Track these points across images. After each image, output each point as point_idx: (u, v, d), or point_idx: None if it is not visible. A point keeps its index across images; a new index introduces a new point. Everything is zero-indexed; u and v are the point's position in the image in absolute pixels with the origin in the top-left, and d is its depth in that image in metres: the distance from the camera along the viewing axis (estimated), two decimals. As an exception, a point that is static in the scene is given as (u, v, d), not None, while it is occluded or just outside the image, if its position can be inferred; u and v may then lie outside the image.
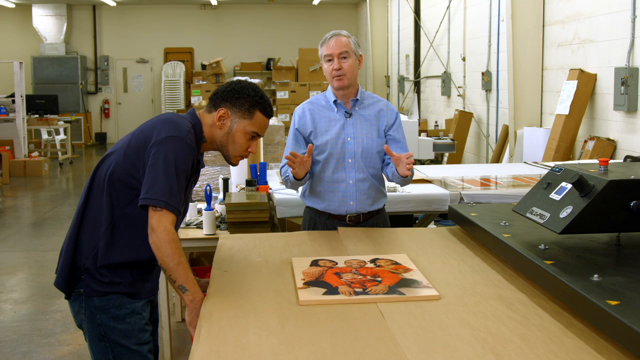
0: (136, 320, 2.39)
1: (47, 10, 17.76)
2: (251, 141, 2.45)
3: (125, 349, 2.36)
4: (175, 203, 2.23)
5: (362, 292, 2.16)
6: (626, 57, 5.67)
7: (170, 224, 2.21)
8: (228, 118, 2.41)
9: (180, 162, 2.25)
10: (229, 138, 2.42)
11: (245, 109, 2.40)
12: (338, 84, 3.07)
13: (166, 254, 2.19)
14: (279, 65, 14.97)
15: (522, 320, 1.90)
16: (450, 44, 10.94)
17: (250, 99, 2.40)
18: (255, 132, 2.43)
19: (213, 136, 2.43)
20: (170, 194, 2.22)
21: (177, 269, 2.19)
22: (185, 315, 2.24)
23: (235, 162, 2.50)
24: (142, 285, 2.42)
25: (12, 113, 13.07)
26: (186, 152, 2.28)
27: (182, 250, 2.24)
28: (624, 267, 2.03)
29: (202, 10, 18.71)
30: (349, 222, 3.14)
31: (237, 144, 2.43)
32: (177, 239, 2.22)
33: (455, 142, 8.59)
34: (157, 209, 2.22)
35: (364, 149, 3.11)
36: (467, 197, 3.79)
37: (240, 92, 2.41)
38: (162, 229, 2.20)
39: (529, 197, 2.44)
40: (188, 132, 2.31)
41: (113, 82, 18.91)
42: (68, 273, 2.37)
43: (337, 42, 3.05)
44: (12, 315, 5.15)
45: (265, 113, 2.44)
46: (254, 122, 2.42)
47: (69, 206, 9.70)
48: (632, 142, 5.76)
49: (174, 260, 2.19)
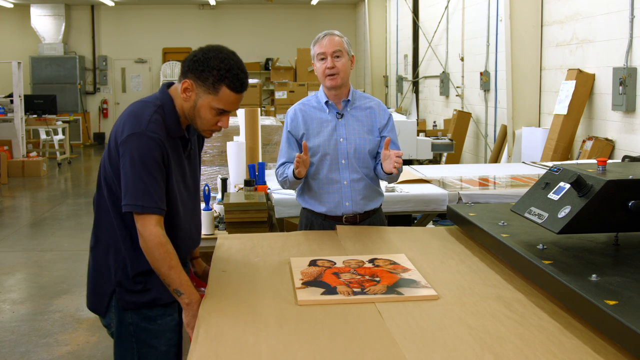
0: (167, 322, 2.35)
1: (45, 10, 17.75)
2: (219, 116, 2.25)
3: (153, 349, 2.33)
4: (152, 203, 2.15)
5: (360, 292, 2.16)
6: (624, 57, 5.68)
7: (154, 226, 2.16)
8: (193, 91, 2.22)
9: (145, 159, 2.15)
10: (194, 112, 2.25)
11: (209, 84, 2.20)
12: (331, 83, 3.06)
13: (156, 259, 2.16)
14: (278, 65, 14.98)
15: (521, 320, 1.90)
16: (449, 44, 10.95)
17: (216, 73, 2.18)
18: (221, 108, 2.23)
19: (182, 108, 2.27)
20: (144, 195, 2.14)
21: (169, 274, 2.16)
22: (183, 317, 2.23)
23: (206, 135, 2.35)
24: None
25: (11, 113, 13.05)
26: (149, 146, 2.16)
27: (173, 252, 2.19)
28: (622, 267, 2.04)
29: (201, 11, 18.71)
30: (345, 223, 3.14)
31: (203, 119, 2.25)
32: (164, 241, 2.16)
33: (454, 142, 8.59)
34: (138, 214, 2.17)
35: (357, 149, 3.10)
36: (466, 197, 3.79)
37: (205, 63, 2.19)
38: (147, 233, 2.16)
39: (528, 197, 2.44)
40: (148, 122, 2.18)
41: (111, 82, 18.91)
42: (99, 291, 2.35)
43: (330, 41, 3.04)
44: (10, 315, 5.15)
45: (233, 88, 2.21)
46: (219, 98, 2.21)
47: (67, 206, 9.70)
48: (630, 142, 5.76)
49: (165, 265, 2.16)
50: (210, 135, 2.34)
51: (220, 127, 2.29)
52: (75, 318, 5.04)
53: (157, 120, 2.21)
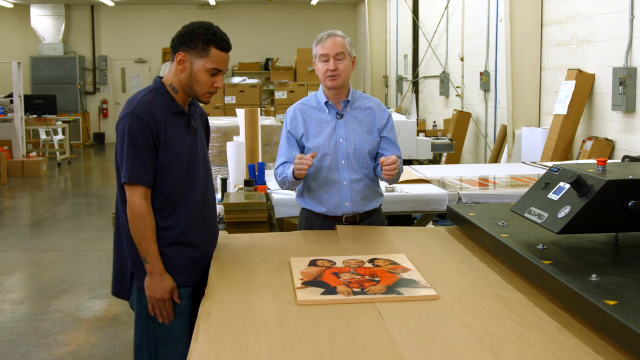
0: (181, 305, 2.50)
1: (45, 10, 17.74)
2: (214, 77, 2.50)
3: (168, 330, 2.49)
4: (138, 174, 2.40)
5: (360, 292, 2.16)
6: (624, 57, 5.68)
7: (139, 197, 2.41)
8: (187, 60, 2.48)
9: (134, 133, 2.40)
10: (192, 79, 2.49)
11: (200, 48, 2.46)
12: (332, 84, 3.06)
13: (134, 228, 2.42)
14: (278, 65, 14.98)
15: (520, 320, 1.90)
16: (449, 44, 10.95)
17: (203, 38, 2.46)
18: (215, 67, 2.48)
19: (180, 82, 2.51)
20: (132, 167, 2.40)
21: (141, 242, 2.42)
22: (145, 282, 2.46)
23: (206, 100, 2.56)
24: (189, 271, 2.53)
25: (11, 113, 13.05)
26: (136, 122, 2.41)
27: (151, 224, 2.42)
28: (622, 267, 2.04)
29: (201, 10, 18.71)
30: (345, 223, 3.14)
31: (201, 83, 2.49)
32: (144, 213, 2.41)
33: (454, 142, 8.59)
34: (127, 185, 2.42)
35: (357, 149, 3.10)
36: (466, 197, 3.79)
37: (193, 33, 2.47)
38: (132, 203, 2.41)
39: (527, 197, 2.44)
40: (138, 102, 2.45)
41: (111, 82, 18.90)
42: (122, 276, 2.58)
43: (333, 42, 3.04)
44: (10, 315, 5.15)
45: (220, 47, 2.48)
46: (211, 58, 2.47)
47: (67, 206, 9.70)
48: (630, 142, 5.76)
49: (139, 235, 2.41)
50: (208, 99, 2.55)
51: (216, 88, 2.53)
52: (75, 318, 5.04)
53: (147, 100, 2.47)
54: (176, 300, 2.49)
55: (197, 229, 2.57)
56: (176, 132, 2.50)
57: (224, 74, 2.55)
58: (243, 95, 13.04)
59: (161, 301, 2.45)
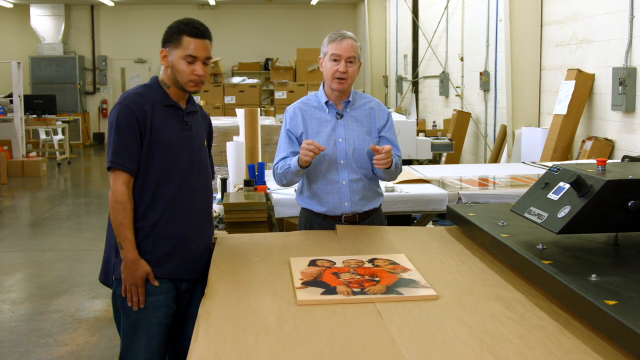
0: (153, 301, 2.54)
1: (45, 10, 17.74)
2: (192, 65, 2.56)
3: (134, 321, 2.55)
4: (121, 160, 2.49)
5: (360, 292, 2.16)
6: (624, 57, 5.68)
7: (121, 184, 2.50)
8: (167, 55, 2.59)
9: (120, 121, 2.51)
10: (174, 71, 2.58)
11: (174, 40, 2.57)
12: (338, 87, 3.06)
13: (113, 213, 2.51)
14: (277, 65, 14.96)
15: (520, 320, 1.90)
16: (449, 44, 10.95)
17: (176, 29, 2.57)
18: (189, 55, 2.55)
19: (169, 77, 2.61)
20: (115, 153, 2.50)
21: (118, 228, 2.50)
22: (121, 269, 2.52)
23: (190, 88, 2.61)
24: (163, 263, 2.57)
25: (10, 113, 13.05)
26: (123, 111, 2.51)
27: (129, 211, 2.50)
28: (622, 267, 2.04)
29: (201, 10, 18.71)
30: (344, 223, 3.13)
31: (180, 72, 2.56)
32: (124, 200, 2.49)
33: (454, 142, 8.59)
34: (110, 171, 2.52)
35: (356, 149, 3.10)
36: (465, 197, 3.79)
37: (170, 28, 2.61)
38: (114, 189, 2.51)
39: (527, 197, 2.44)
40: (129, 94, 2.57)
41: (111, 82, 18.90)
42: (108, 265, 2.66)
43: (348, 44, 3.03)
44: (10, 315, 5.15)
45: (192, 34, 2.56)
46: (184, 46, 2.55)
47: (67, 206, 9.70)
48: (630, 142, 5.76)
49: (117, 220, 2.50)
50: (194, 87, 2.60)
51: (197, 75, 2.57)
52: (75, 318, 5.04)
53: (137, 92, 2.58)
54: (153, 283, 2.54)
55: (172, 222, 2.59)
56: (166, 124, 2.57)
57: (207, 63, 2.61)
58: (243, 95, 13.04)
59: (134, 286, 2.52)
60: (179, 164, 2.59)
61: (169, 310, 2.59)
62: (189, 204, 2.64)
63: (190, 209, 2.65)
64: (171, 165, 2.58)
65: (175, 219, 2.60)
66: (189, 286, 2.68)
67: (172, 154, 2.58)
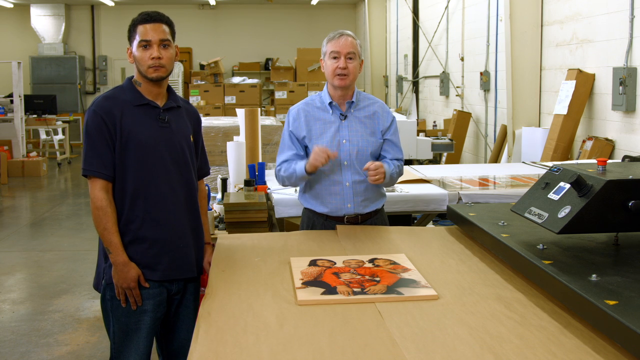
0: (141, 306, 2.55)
1: (45, 10, 17.74)
2: (148, 50, 2.57)
3: (127, 326, 2.56)
4: (94, 167, 2.50)
5: (360, 292, 2.16)
6: (624, 57, 5.68)
7: (99, 190, 2.50)
8: (131, 51, 2.63)
9: (89, 127, 2.53)
10: (137, 64, 2.60)
11: (131, 34, 2.63)
12: (339, 83, 3.05)
13: (96, 220, 2.51)
14: (278, 65, 14.97)
15: (521, 320, 1.90)
16: (449, 44, 10.95)
17: (132, 24, 2.63)
18: (142, 40, 2.57)
19: (137, 73, 2.62)
20: (88, 160, 2.52)
21: (103, 233, 2.51)
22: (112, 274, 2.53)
23: (151, 75, 2.57)
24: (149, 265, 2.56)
25: (11, 113, 13.05)
26: (91, 117, 2.53)
27: (111, 215, 2.50)
28: (622, 267, 2.04)
29: (201, 10, 18.70)
30: (347, 224, 3.13)
31: (139, 61, 2.58)
32: (104, 205, 2.49)
33: (454, 142, 8.59)
34: (87, 179, 2.54)
35: (359, 151, 3.10)
36: (466, 197, 3.79)
37: (129, 27, 2.66)
38: (93, 196, 2.51)
39: (528, 197, 2.44)
40: (97, 99, 2.58)
41: (111, 82, 18.88)
42: (100, 270, 2.67)
43: (346, 41, 3.04)
44: (10, 315, 5.15)
45: (142, 21, 2.61)
46: (138, 35, 2.59)
47: (67, 206, 9.70)
48: (630, 142, 5.76)
49: (100, 226, 2.50)
50: (154, 73, 2.56)
51: (153, 59, 2.55)
52: (75, 318, 5.04)
53: (107, 96, 2.60)
54: (143, 284, 2.54)
55: (157, 222, 2.57)
56: (140, 124, 2.56)
57: (167, 46, 2.60)
58: (243, 95, 13.04)
59: (128, 289, 2.53)
60: (157, 163, 2.56)
61: (156, 314, 2.59)
62: (173, 203, 2.60)
63: (174, 207, 2.61)
64: (149, 165, 2.55)
65: (160, 219, 2.57)
66: (180, 287, 2.66)
67: (148, 153, 2.54)
